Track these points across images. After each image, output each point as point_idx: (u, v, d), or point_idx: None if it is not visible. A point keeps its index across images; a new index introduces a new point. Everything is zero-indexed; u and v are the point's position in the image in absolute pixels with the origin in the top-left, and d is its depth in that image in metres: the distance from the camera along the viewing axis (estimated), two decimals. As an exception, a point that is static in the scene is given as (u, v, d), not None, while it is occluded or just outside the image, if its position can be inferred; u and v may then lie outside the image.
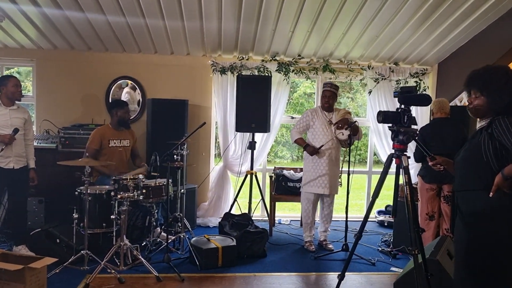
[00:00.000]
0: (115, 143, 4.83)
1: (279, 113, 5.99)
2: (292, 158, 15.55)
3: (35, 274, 3.27)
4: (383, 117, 2.65)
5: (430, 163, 2.61)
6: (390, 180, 3.00)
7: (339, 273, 3.05)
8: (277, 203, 5.85)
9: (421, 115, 6.01)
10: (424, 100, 2.74)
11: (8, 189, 4.27)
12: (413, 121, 2.66)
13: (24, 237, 4.32)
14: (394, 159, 2.72)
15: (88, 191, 3.91)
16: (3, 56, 5.87)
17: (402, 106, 2.67)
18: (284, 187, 5.58)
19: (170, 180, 4.32)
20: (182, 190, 4.71)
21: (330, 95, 4.80)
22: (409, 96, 2.67)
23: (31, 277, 3.23)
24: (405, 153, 2.69)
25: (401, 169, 2.68)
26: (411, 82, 6.07)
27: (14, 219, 4.35)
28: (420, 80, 6.07)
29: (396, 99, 5.81)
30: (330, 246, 4.91)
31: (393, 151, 2.78)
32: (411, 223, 2.58)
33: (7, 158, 4.08)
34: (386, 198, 8.80)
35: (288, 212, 7.36)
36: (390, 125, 2.70)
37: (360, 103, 14.79)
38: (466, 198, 2.30)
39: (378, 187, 2.79)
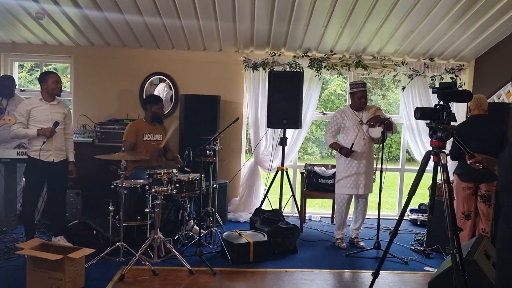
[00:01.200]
0: (149, 137, 4.92)
1: (310, 109, 5.96)
2: (322, 155, 15.44)
3: (74, 264, 3.39)
4: (421, 113, 2.60)
5: (468, 161, 2.54)
6: (424, 178, 2.94)
7: (373, 271, 3.03)
8: (307, 200, 5.84)
9: (457, 113, 5.84)
10: (464, 96, 2.68)
11: (48, 181, 4.41)
12: (452, 117, 2.60)
13: (62, 228, 4.46)
14: (432, 156, 2.67)
15: (124, 185, 4.01)
16: (42, 52, 6.07)
17: (441, 102, 2.61)
18: (315, 184, 5.55)
19: (202, 175, 4.37)
20: (215, 185, 4.76)
21: (362, 95, 4.72)
22: (448, 92, 2.62)
23: (70, 267, 3.35)
24: (443, 150, 2.64)
25: (439, 167, 2.62)
26: (447, 78, 5.92)
27: (53, 211, 4.49)
28: (456, 76, 5.91)
29: (430, 95, 5.86)
30: (362, 243, 4.87)
31: (428, 148, 2.72)
32: (450, 222, 2.53)
33: (47, 151, 4.21)
34: (418, 196, 8.67)
35: (318, 209, 7.33)
36: (428, 121, 2.64)
37: (391, 101, 14.53)
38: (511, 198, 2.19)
39: (414, 185, 2.74)
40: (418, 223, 5.93)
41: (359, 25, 5.17)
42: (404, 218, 6.18)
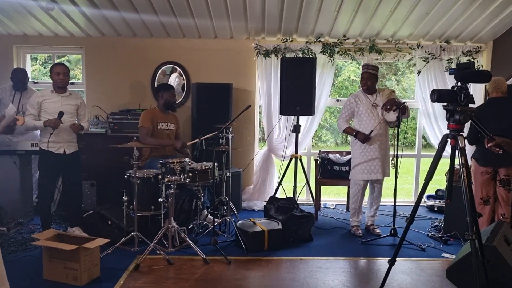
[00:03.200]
0: (162, 125, 4.90)
1: (324, 95, 5.88)
2: (336, 142, 15.33)
3: (89, 254, 3.40)
4: (437, 95, 2.51)
5: (488, 145, 2.45)
6: (441, 163, 2.86)
7: (389, 258, 2.97)
8: (322, 187, 5.78)
9: (475, 95, 5.64)
10: (483, 77, 2.57)
11: (62, 173, 4.43)
12: (470, 99, 2.51)
13: (78, 219, 4.49)
14: (449, 140, 2.58)
15: (137, 175, 4.00)
16: (54, 44, 6.08)
17: (459, 84, 2.52)
18: (330, 171, 5.49)
19: (215, 164, 4.34)
20: (228, 174, 4.73)
21: (367, 77, 4.65)
22: (467, 72, 2.51)
23: (85, 257, 3.36)
24: (461, 133, 2.55)
25: (457, 151, 2.53)
26: (464, 61, 5.76)
27: (69, 202, 4.52)
28: (474, 58, 5.75)
29: (447, 79, 5.71)
30: (378, 230, 4.81)
31: (444, 133, 2.63)
32: (468, 207, 2.45)
33: (58, 143, 4.23)
34: (435, 182, 8.54)
35: (333, 196, 7.28)
36: (444, 104, 2.55)
37: (405, 86, 14.30)
38: None
39: (431, 170, 2.66)
40: (435, 209, 5.84)
41: (372, 8, 5.05)
42: (421, 204, 6.21)
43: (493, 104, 4.21)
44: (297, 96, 5.25)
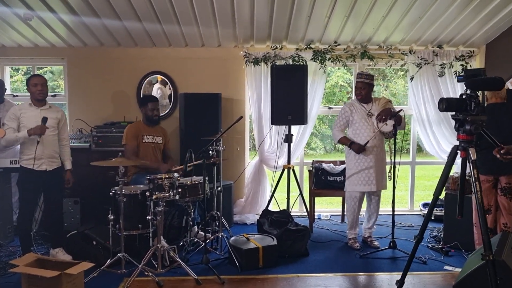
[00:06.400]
0: (148, 138, 4.70)
1: (315, 104, 5.72)
2: (325, 149, 15.19)
3: (72, 280, 3.17)
4: (446, 104, 2.35)
5: (498, 154, 2.30)
6: (435, 170, 2.69)
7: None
8: (315, 198, 5.60)
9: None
10: (496, 83, 2.42)
11: (43, 191, 4.18)
12: (481, 109, 2.34)
13: (61, 240, 4.25)
14: (459, 152, 2.42)
15: (123, 192, 3.77)
16: (35, 55, 5.83)
17: (468, 92, 2.35)
18: (324, 182, 5.30)
19: (206, 178, 4.14)
20: (219, 188, 4.53)
21: (362, 86, 4.53)
22: (477, 80, 2.35)
23: (68, 283, 3.13)
24: (472, 144, 2.39)
25: (469, 163, 2.36)
26: (457, 66, 5.67)
27: (50, 221, 4.27)
28: (467, 63, 5.66)
29: (440, 84, 5.59)
30: (376, 243, 4.64)
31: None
32: (483, 225, 2.28)
33: (39, 160, 3.97)
34: (430, 188, 8.43)
35: (327, 207, 7.10)
36: (453, 113, 2.39)
37: (394, 92, 14.25)
38: None
39: (440, 185, 2.49)
40: (432, 218, 5.67)
41: (364, 13, 4.92)
42: (417, 213, 6.08)
43: (493, 110, 4.08)
44: (288, 105, 5.08)
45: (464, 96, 2.37)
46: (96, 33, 5.33)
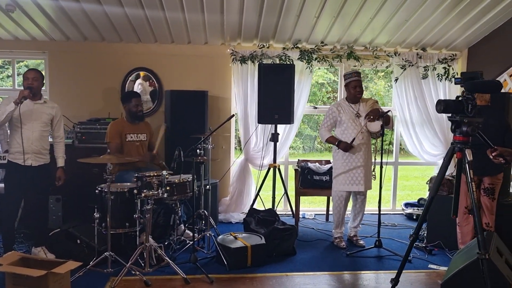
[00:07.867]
0: (132, 137, 4.61)
1: (301, 103, 5.73)
2: (304, 149, 15.26)
3: (59, 280, 3.09)
4: (443, 106, 2.39)
5: (492, 155, 2.35)
6: (420, 171, 2.74)
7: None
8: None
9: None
10: (494, 87, 2.47)
11: (28, 187, 4.06)
12: (478, 111, 2.39)
13: (44, 238, 4.14)
14: (455, 153, 2.46)
15: (110, 189, 3.70)
16: (14, 48, 5.66)
17: (465, 94, 2.40)
18: (310, 181, 5.31)
19: (194, 176, 4.10)
20: (208, 186, 4.49)
21: (359, 84, 4.54)
22: (477, 82, 2.40)
23: (54, 283, 3.05)
24: (468, 146, 2.43)
25: (465, 164, 2.41)
26: (440, 68, 5.77)
27: (34, 219, 4.14)
28: (449, 66, 5.77)
29: (423, 86, 5.69)
30: (361, 242, 4.68)
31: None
32: (478, 225, 2.33)
33: (25, 154, 3.86)
34: (418, 188, 8.56)
35: (309, 205, 7.12)
36: (449, 115, 2.43)
37: (374, 92, 14.43)
38: None
39: (436, 186, 2.53)
40: (414, 217, 5.78)
41: (352, 15, 4.96)
42: (399, 212, 6.17)
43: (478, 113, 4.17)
44: (275, 104, 5.09)
45: (461, 98, 2.42)
46: (80, 26, 5.19)
